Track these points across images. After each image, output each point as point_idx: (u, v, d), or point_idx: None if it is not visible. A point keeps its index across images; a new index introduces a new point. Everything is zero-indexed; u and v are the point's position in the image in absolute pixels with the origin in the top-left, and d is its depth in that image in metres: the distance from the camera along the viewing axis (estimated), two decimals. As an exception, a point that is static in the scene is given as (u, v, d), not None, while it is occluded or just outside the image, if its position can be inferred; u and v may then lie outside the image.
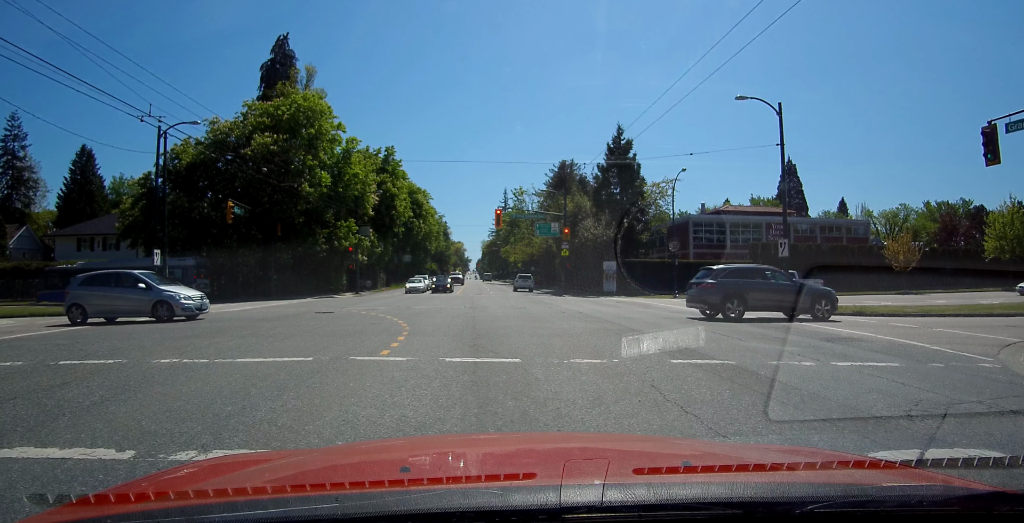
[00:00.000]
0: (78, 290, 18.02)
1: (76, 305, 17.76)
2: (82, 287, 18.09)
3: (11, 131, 66.66)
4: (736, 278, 17.25)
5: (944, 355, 9.70)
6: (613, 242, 43.87)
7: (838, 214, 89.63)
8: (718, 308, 16.87)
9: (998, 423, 5.26)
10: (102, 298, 17.91)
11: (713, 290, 16.91)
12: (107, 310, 18.06)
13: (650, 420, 5.19)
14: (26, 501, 3.13)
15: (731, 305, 16.74)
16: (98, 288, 18.06)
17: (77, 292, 17.97)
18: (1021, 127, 15.57)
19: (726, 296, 16.77)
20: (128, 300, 17.96)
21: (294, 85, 50.56)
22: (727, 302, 16.75)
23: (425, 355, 9.17)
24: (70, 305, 17.85)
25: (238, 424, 5.02)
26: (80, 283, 18.24)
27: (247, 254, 39.14)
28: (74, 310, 17.73)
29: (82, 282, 18.30)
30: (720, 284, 16.94)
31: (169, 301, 17.83)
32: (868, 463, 1.86)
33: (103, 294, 17.95)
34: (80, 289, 18.04)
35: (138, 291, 17.97)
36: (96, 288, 18.05)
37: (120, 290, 18.06)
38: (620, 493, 1.24)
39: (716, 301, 16.86)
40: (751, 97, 25.11)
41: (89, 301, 17.80)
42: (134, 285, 18.10)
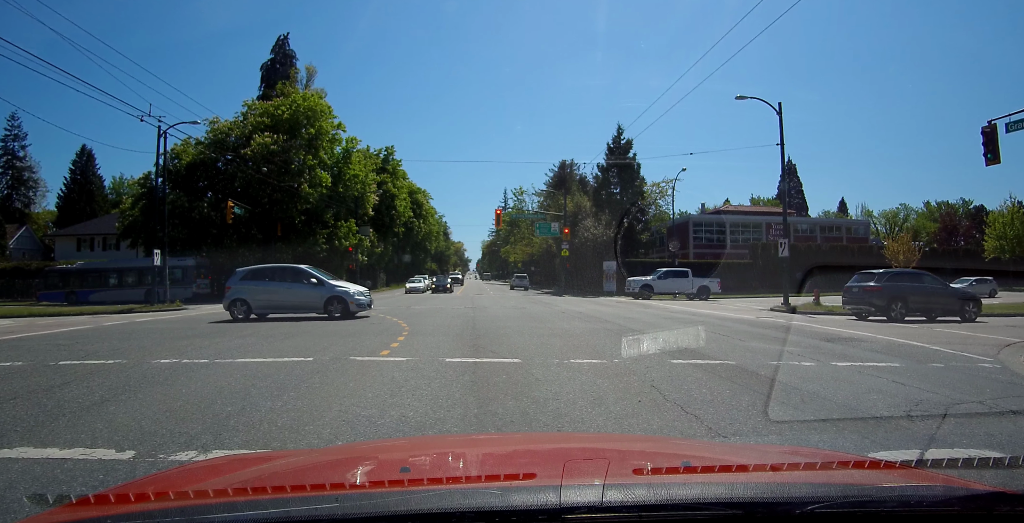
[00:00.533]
0: (242, 285, 17.32)
1: (240, 301, 17.12)
2: (245, 282, 17.41)
3: (11, 131, 66.72)
4: (898, 282, 17.87)
5: (944, 355, 9.71)
6: (613, 242, 43.87)
7: (838, 214, 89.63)
8: (884, 310, 17.35)
9: (998, 423, 5.27)
10: (269, 293, 17.30)
11: (879, 293, 17.48)
12: (274, 306, 17.41)
13: (650, 420, 5.19)
14: (26, 501, 3.13)
15: (894, 307, 17.28)
16: (264, 283, 17.45)
17: (241, 287, 17.30)
18: (1021, 127, 15.57)
19: (891, 298, 17.33)
20: (298, 295, 17.35)
21: (294, 85, 50.52)
22: (892, 304, 17.30)
23: (425, 355, 9.17)
24: (233, 300, 17.19)
25: (238, 424, 5.02)
26: (242, 277, 17.59)
27: (247, 254, 39.09)
28: (238, 306, 17.12)
29: (244, 276, 17.64)
30: (886, 287, 17.52)
31: (343, 297, 17.21)
32: (868, 463, 1.86)
33: (270, 289, 17.33)
34: (244, 284, 17.36)
35: (309, 286, 17.40)
36: (262, 283, 17.43)
37: (288, 285, 17.45)
38: (620, 493, 1.24)
39: (882, 303, 17.37)
40: (751, 97, 25.10)
41: (254, 296, 17.15)
42: (304, 280, 17.57)
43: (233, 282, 17.72)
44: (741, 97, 25.26)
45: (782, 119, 24.69)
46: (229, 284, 17.81)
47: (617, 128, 55.71)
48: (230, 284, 17.74)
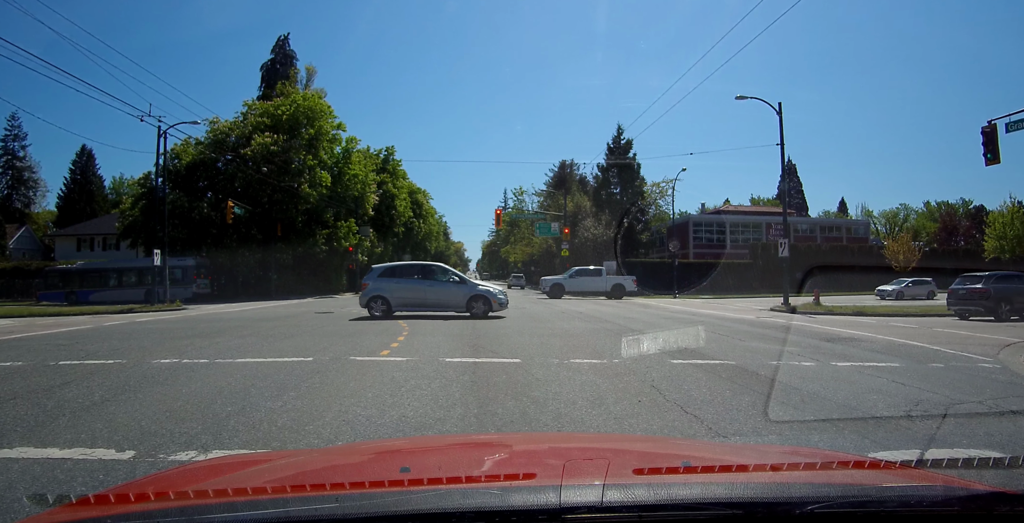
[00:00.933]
0: (380, 282, 17.46)
1: (379, 298, 17.25)
2: (384, 279, 17.55)
3: (11, 131, 66.66)
4: (1003, 283, 18.32)
5: (944, 355, 9.71)
6: (613, 242, 43.90)
7: (838, 214, 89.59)
8: (993, 311, 17.83)
9: (998, 423, 5.27)
10: (411, 291, 17.40)
11: (987, 295, 17.98)
12: (415, 303, 17.47)
13: (650, 420, 5.19)
14: (26, 501, 3.13)
15: (1001, 308, 17.75)
16: (403, 280, 17.61)
17: (379, 284, 17.43)
18: (1021, 127, 15.58)
19: (999, 300, 17.84)
20: (441, 293, 17.45)
21: (294, 85, 50.53)
22: (999, 305, 17.80)
23: (425, 355, 9.17)
24: (372, 297, 17.29)
25: (238, 424, 5.02)
26: (380, 275, 17.74)
27: (247, 254, 39.14)
28: (376, 303, 17.24)
29: (382, 273, 17.81)
30: (994, 289, 18.01)
31: (487, 296, 17.32)
32: (868, 463, 1.86)
33: (411, 287, 17.46)
34: (382, 281, 17.49)
35: (452, 285, 17.51)
36: (401, 280, 17.59)
37: (429, 283, 17.58)
38: (620, 493, 1.24)
39: (991, 305, 17.87)
40: (751, 97, 25.11)
41: (395, 294, 17.27)
42: (446, 278, 17.71)
43: (370, 279, 17.84)
44: (741, 97, 25.28)
45: (782, 119, 24.72)
46: (366, 281, 17.88)
47: (617, 128, 55.82)
48: (367, 281, 17.85)
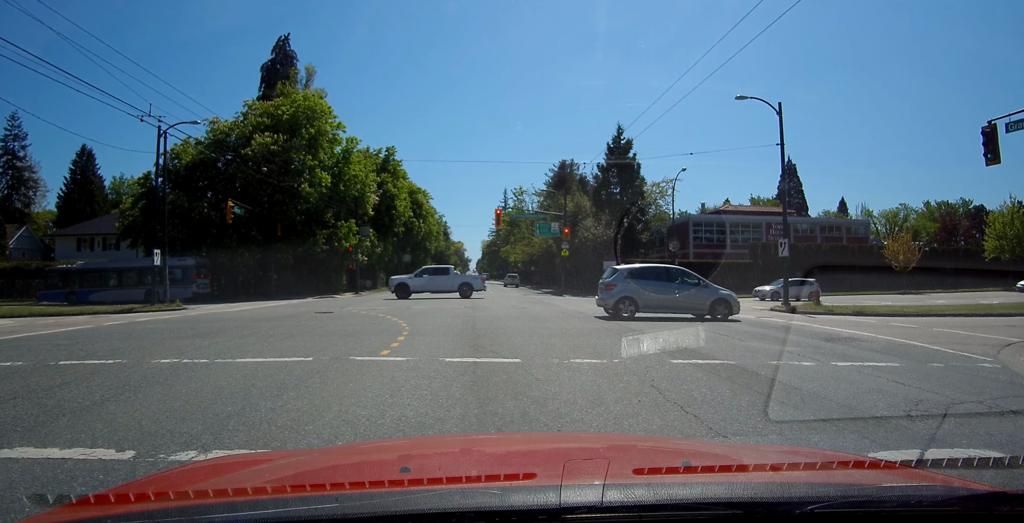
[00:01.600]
0: (628, 283, 17.87)
1: (628, 298, 17.64)
2: (631, 280, 17.94)
3: (11, 131, 66.65)
4: None
5: (944, 355, 9.70)
6: (613, 242, 43.86)
7: (838, 214, 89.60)
8: None
9: (998, 423, 5.27)
10: (658, 293, 17.81)
11: None
12: (661, 305, 17.82)
13: (650, 420, 5.19)
14: (26, 501, 3.13)
15: None
16: (651, 282, 18.02)
17: (627, 285, 17.84)
18: (1021, 127, 15.58)
19: None
20: (687, 297, 17.88)
21: (294, 85, 50.51)
22: None
23: (425, 355, 9.17)
24: (621, 298, 17.65)
25: (238, 424, 5.02)
26: (627, 276, 18.11)
27: (247, 254, 39.13)
28: (625, 304, 17.64)
29: (629, 275, 18.20)
30: None
31: (729, 300, 17.77)
32: (868, 463, 1.86)
33: (659, 289, 17.88)
34: (630, 282, 17.88)
35: (696, 288, 17.95)
36: (649, 282, 18.00)
37: (675, 286, 18.02)
38: (620, 493, 1.24)
39: None
40: (751, 97, 25.09)
41: (642, 295, 17.70)
42: (689, 281, 18.13)
43: (617, 279, 18.10)
44: (741, 97, 25.25)
45: (782, 119, 24.70)
46: (613, 282, 18.12)
47: (617, 128, 55.81)
48: (614, 282, 18.09)
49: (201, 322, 17.11)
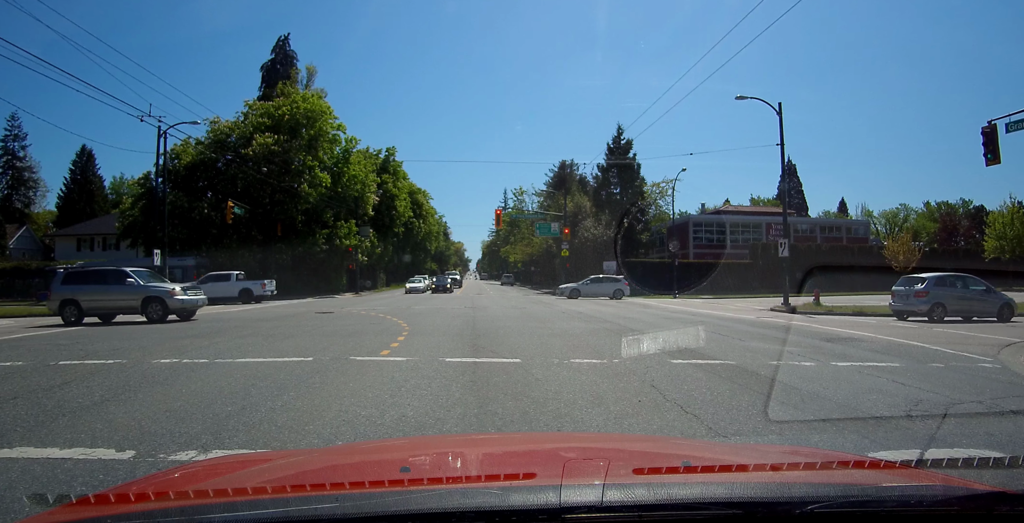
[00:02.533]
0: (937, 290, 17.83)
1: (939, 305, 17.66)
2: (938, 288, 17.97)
3: (11, 131, 66.54)
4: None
5: (944, 355, 9.70)
6: (613, 242, 43.88)
7: (838, 214, 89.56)
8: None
9: (998, 423, 5.27)
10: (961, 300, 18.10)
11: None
12: None
13: (650, 420, 5.19)
14: (26, 501, 3.13)
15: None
16: None
17: (938, 292, 17.88)
18: (1021, 127, 15.57)
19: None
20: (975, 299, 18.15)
21: (294, 85, 50.50)
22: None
23: (425, 355, 9.17)
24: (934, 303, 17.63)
25: (238, 424, 5.02)
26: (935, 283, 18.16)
27: (247, 254, 39.14)
28: None
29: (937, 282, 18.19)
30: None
31: None
32: (868, 463, 1.86)
33: (958, 295, 18.14)
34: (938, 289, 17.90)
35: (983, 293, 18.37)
36: None
37: None
38: (620, 493, 1.24)
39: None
40: (751, 97, 25.10)
41: None
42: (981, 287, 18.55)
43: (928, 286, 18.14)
44: (741, 97, 25.27)
45: (782, 119, 24.71)
46: None
47: (617, 128, 55.78)
48: None
49: (201, 322, 17.10)
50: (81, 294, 16.93)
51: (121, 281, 17.10)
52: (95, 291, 17.03)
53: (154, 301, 16.86)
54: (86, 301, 16.93)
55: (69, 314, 16.89)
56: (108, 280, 17.26)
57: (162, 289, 17.12)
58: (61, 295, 17.07)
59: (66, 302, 16.91)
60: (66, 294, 17.00)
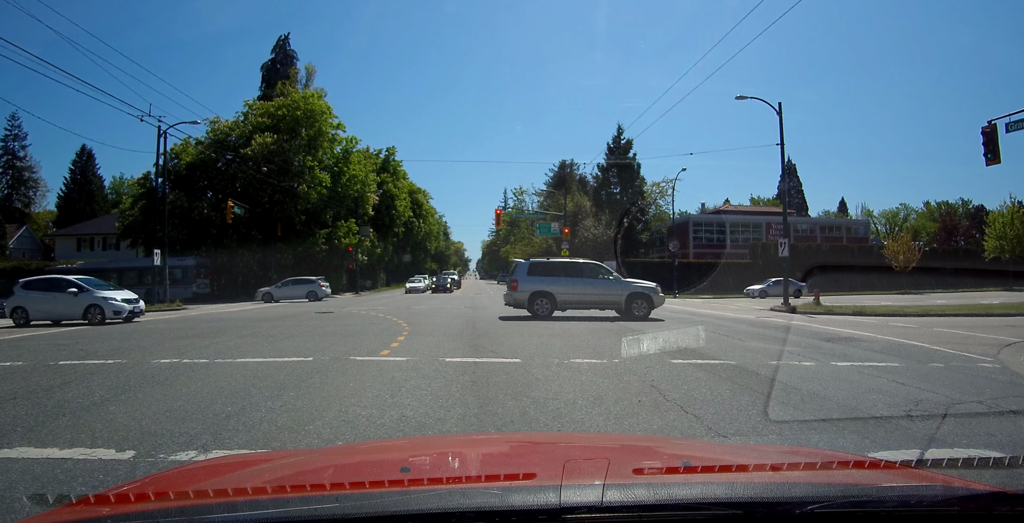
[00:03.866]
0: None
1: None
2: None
3: (11, 131, 66.64)
4: None
5: (944, 355, 9.70)
6: (613, 242, 43.90)
7: (838, 214, 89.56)
8: None
9: (998, 423, 5.26)
10: None
11: None
12: None
13: (650, 420, 5.19)
14: (26, 501, 3.13)
15: None
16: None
17: None
18: (1021, 127, 15.58)
19: None
20: None
21: (294, 85, 50.49)
22: None
23: (425, 355, 9.17)
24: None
25: (238, 424, 5.01)
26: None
27: (247, 254, 39.17)
28: None
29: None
30: None
31: None
32: (868, 463, 1.86)
33: None
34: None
35: None
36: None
37: None
38: (620, 493, 1.24)
39: None
40: (751, 97, 25.09)
41: None
42: None
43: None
44: (741, 97, 25.26)
45: (782, 119, 24.70)
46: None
47: (617, 128, 55.96)
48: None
49: (201, 322, 17.11)
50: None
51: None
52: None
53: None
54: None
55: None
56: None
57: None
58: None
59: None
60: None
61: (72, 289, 17.90)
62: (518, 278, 17.47)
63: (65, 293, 17.86)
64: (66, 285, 18.15)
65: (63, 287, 18.07)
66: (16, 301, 18.22)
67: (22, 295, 18.31)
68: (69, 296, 17.79)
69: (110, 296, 18.12)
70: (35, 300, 18.08)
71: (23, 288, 18.49)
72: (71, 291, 17.85)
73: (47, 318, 18.09)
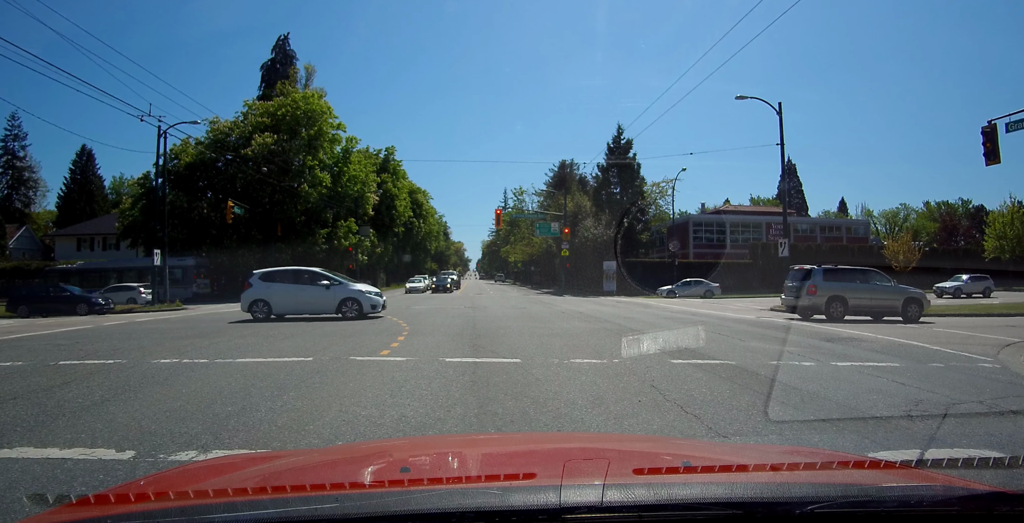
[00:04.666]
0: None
1: None
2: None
3: (11, 131, 66.62)
4: None
5: (944, 355, 9.70)
6: (613, 242, 43.85)
7: (838, 214, 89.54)
8: None
9: (998, 423, 5.26)
10: None
11: None
12: None
13: (650, 420, 5.19)
14: (26, 501, 3.13)
15: None
16: None
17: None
18: (1021, 127, 15.58)
19: None
20: None
21: (294, 84, 50.47)
22: None
23: (425, 355, 9.17)
24: None
25: (238, 424, 5.01)
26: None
27: (247, 254, 39.09)
28: None
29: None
30: None
31: None
32: (868, 463, 1.86)
33: None
34: None
35: None
36: None
37: None
38: (620, 493, 1.24)
39: None
40: (751, 97, 25.14)
41: None
42: None
43: None
44: (741, 97, 25.29)
45: (782, 119, 24.72)
46: None
47: (617, 128, 55.84)
48: None
49: (201, 322, 17.11)
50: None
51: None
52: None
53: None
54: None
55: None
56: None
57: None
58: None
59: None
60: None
61: (323, 281, 17.11)
62: (816, 283, 17.92)
63: (316, 286, 17.04)
64: (313, 277, 17.37)
65: (311, 279, 17.28)
66: (256, 294, 17.23)
67: (262, 287, 17.28)
68: (320, 289, 17.00)
69: (365, 289, 17.42)
70: (281, 293, 17.18)
71: (263, 280, 17.51)
72: (322, 283, 17.04)
73: (293, 312, 17.32)
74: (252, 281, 17.86)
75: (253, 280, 17.87)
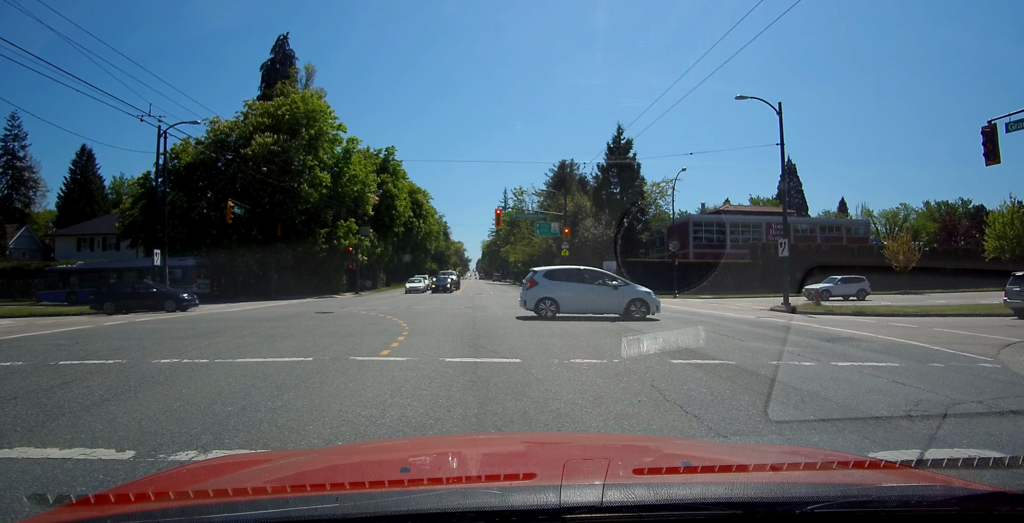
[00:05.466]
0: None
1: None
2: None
3: (11, 131, 66.54)
4: None
5: (944, 355, 9.70)
6: (613, 242, 43.87)
7: (838, 214, 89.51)
8: None
9: (998, 423, 5.26)
10: None
11: None
12: None
13: (650, 420, 5.19)
14: (26, 501, 3.13)
15: None
16: None
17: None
18: (1021, 127, 15.57)
19: None
20: None
21: (294, 85, 50.46)
22: None
23: (425, 355, 9.17)
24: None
25: (238, 424, 5.01)
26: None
27: (247, 254, 39.13)
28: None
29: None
30: None
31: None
32: (868, 463, 1.86)
33: None
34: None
35: None
36: None
37: None
38: (620, 493, 1.24)
39: None
40: (751, 97, 25.07)
41: None
42: None
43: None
44: (741, 97, 25.24)
45: (782, 119, 24.69)
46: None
47: (617, 128, 55.91)
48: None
49: (201, 322, 17.11)
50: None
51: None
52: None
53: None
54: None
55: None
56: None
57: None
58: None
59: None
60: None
61: (612, 282, 17.25)
62: None
63: (605, 285, 17.19)
64: (594, 276, 17.58)
65: (592, 278, 17.47)
66: (544, 292, 17.19)
67: (549, 285, 17.27)
68: (608, 289, 17.12)
69: (649, 291, 17.44)
70: (568, 291, 17.17)
71: (547, 278, 17.53)
72: (611, 284, 17.17)
73: (579, 311, 17.24)
74: (537, 279, 17.72)
75: (538, 278, 17.75)
